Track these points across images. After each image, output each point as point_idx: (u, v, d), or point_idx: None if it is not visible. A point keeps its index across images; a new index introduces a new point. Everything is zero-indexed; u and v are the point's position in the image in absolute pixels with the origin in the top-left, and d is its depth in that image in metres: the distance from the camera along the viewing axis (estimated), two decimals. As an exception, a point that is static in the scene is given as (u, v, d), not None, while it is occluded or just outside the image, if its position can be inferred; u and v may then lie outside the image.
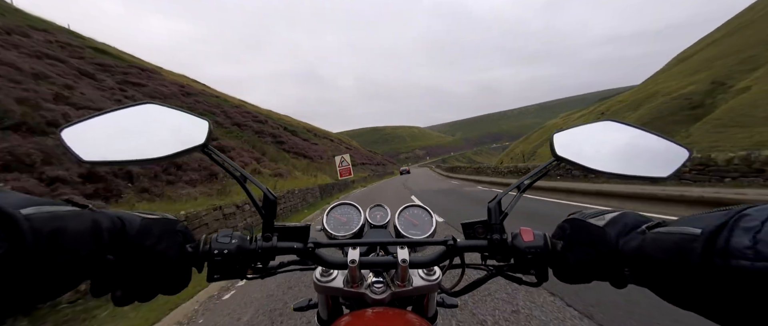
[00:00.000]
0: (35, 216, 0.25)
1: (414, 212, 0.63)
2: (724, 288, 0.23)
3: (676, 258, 0.26)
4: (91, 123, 0.38)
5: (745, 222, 0.23)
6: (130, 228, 0.33)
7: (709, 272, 0.23)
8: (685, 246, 0.25)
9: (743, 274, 0.21)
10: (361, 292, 0.46)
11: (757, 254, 0.21)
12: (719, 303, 0.24)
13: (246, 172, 0.43)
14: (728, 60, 24.72)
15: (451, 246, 0.45)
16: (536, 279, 0.42)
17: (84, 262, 0.28)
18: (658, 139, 0.43)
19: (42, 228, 0.25)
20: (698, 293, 0.25)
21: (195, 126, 0.42)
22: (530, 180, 0.46)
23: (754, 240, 0.21)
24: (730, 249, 0.22)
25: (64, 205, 0.29)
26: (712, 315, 0.25)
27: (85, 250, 0.28)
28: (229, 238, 0.39)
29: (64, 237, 0.26)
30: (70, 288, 0.28)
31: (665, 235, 0.28)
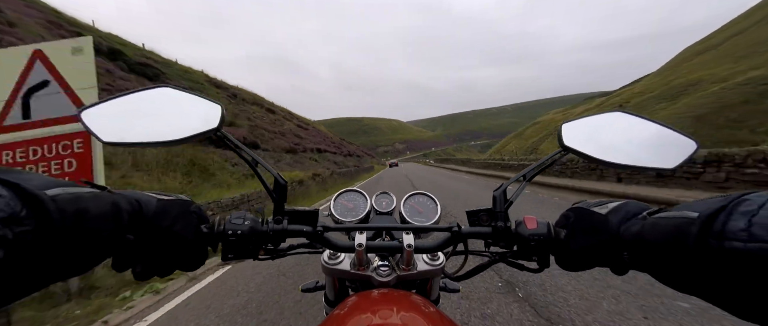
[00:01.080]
0: (60, 196, 0.26)
1: (419, 200, 0.65)
2: (718, 270, 0.24)
3: (673, 241, 0.27)
4: (109, 105, 0.40)
5: (744, 207, 0.23)
6: (147, 210, 0.35)
7: (704, 254, 0.24)
8: (683, 228, 0.26)
9: (736, 255, 0.22)
10: (367, 275, 0.48)
11: (750, 236, 0.22)
12: (714, 284, 0.25)
13: (258, 157, 0.44)
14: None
15: (456, 232, 0.45)
16: (538, 266, 0.43)
17: (106, 241, 0.30)
18: (666, 130, 0.43)
19: (67, 209, 0.26)
20: (694, 275, 0.26)
21: (208, 109, 0.42)
22: (536, 169, 0.46)
23: (749, 223, 0.22)
24: (725, 231, 0.23)
25: (84, 187, 0.30)
26: (709, 296, 0.26)
27: (107, 230, 0.29)
28: (242, 220, 0.40)
29: (87, 217, 0.27)
30: (94, 265, 0.30)
31: (664, 220, 0.29)
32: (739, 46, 28.84)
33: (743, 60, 25.07)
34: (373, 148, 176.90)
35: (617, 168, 0.42)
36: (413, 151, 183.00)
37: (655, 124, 0.43)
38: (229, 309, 2.38)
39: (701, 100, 20.52)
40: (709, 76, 24.90)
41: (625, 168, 0.42)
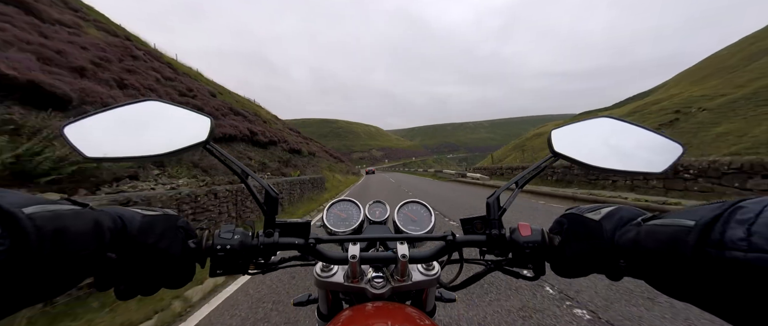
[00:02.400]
0: (38, 214, 0.25)
1: (413, 208, 0.65)
2: (717, 279, 0.23)
3: (670, 249, 0.27)
4: (93, 119, 0.38)
5: (740, 215, 0.23)
6: (131, 227, 0.33)
7: (702, 263, 0.24)
8: (680, 237, 0.26)
9: (736, 265, 0.22)
10: (361, 287, 0.47)
11: (750, 245, 0.21)
12: (713, 293, 0.24)
13: (247, 169, 0.44)
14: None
15: (450, 241, 0.45)
16: (534, 274, 0.42)
17: (86, 261, 0.28)
18: (653, 135, 0.43)
19: (45, 227, 0.25)
20: (692, 283, 0.25)
21: (197, 122, 0.42)
22: (529, 175, 0.46)
23: (748, 231, 0.22)
24: (725, 240, 0.23)
25: (65, 204, 0.29)
26: (706, 305, 0.25)
27: (87, 250, 0.28)
28: (232, 234, 0.39)
29: (66, 237, 0.26)
30: (71, 286, 0.28)
31: (660, 227, 0.29)
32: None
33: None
34: (347, 154, 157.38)
35: (606, 172, 0.43)
36: (392, 159, 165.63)
37: (641, 128, 0.44)
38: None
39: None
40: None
41: (614, 173, 0.43)
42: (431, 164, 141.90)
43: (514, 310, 2.19)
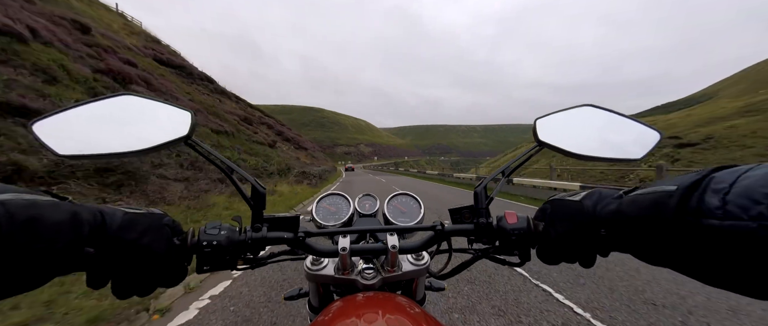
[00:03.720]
0: (11, 202, 0.24)
1: (402, 200, 0.66)
2: (695, 244, 0.25)
3: (652, 214, 0.28)
4: (65, 115, 0.37)
5: (715, 184, 0.25)
6: (111, 223, 0.32)
7: (682, 228, 0.26)
8: (662, 200, 0.27)
9: (713, 231, 0.23)
10: (352, 279, 0.47)
11: (725, 213, 0.23)
12: (691, 258, 0.26)
13: (232, 164, 0.43)
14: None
15: (439, 231, 0.46)
16: (519, 260, 0.43)
17: (60, 254, 0.27)
18: (632, 123, 0.45)
19: (17, 215, 0.24)
20: (672, 249, 0.27)
21: (177, 117, 0.41)
22: (515, 165, 0.48)
23: (723, 200, 0.23)
24: (702, 208, 0.24)
25: (43, 195, 0.28)
26: (684, 269, 0.27)
27: (61, 242, 0.27)
28: (218, 230, 0.39)
29: (40, 226, 0.25)
30: (46, 280, 0.27)
31: (642, 195, 0.30)
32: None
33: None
34: (331, 147, 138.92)
35: (589, 160, 0.44)
36: (382, 157, 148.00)
37: (621, 116, 0.45)
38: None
39: None
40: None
41: (597, 160, 0.44)
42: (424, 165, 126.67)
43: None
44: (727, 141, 14.93)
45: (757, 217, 0.21)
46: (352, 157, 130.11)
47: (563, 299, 2.36)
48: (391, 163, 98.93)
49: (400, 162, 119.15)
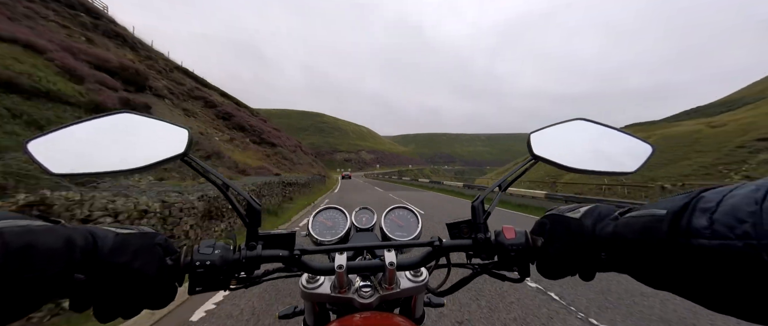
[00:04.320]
0: (7, 229, 0.24)
1: (399, 213, 0.65)
2: (688, 265, 0.25)
3: (645, 237, 0.28)
4: (61, 134, 0.37)
5: (703, 204, 0.25)
6: (103, 246, 0.32)
7: (674, 249, 0.26)
8: (653, 225, 0.28)
9: (702, 251, 0.24)
10: (348, 297, 0.47)
11: (713, 233, 0.23)
12: (688, 280, 0.26)
13: (228, 180, 0.43)
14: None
15: (437, 246, 0.45)
16: (519, 276, 0.43)
17: (52, 282, 0.27)
18: (625, 136, 0.45)
19: (12, 243, 0.24)
20: (667, 270, 0.27)
21: (174, 134, 0.41)
22: (511, 178, 0.48)
23: (710, 220, 0.24)
24: (691, 229, 0.25)
25: (37, 220, 0.28)
26: (684, 292, 0.27)
27: (54, 269, 0.27)
28: (212, 249, 0.38)
29: (34, 254, 0.25)
30: (35, 308, 0.27)
31: (635, 218, 0.31)
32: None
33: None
34: (330, 154, 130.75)
35: (583, 173, 0.44)
36: (385, 164, 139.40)
37: (614, 130, 0.46)
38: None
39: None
40: None
41: (590, 174, 0.44)
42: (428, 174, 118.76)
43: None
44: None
45: (743, 236, 0.22)
46: (352, 165, 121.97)
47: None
48: (394, 172, 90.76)
49: (405, 170, 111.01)
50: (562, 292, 2.81)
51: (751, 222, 0.21)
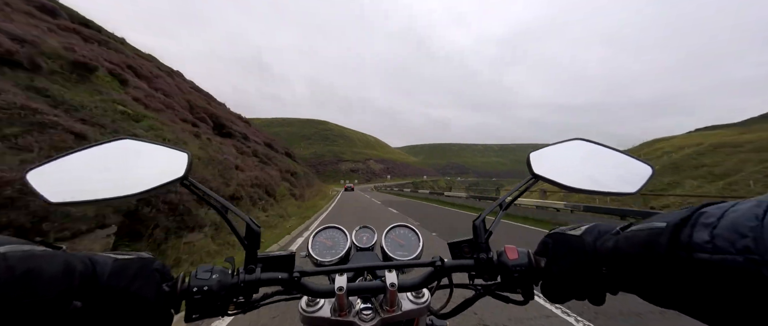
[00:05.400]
0: (10, 254, 0.24)
1: (400, 232, 0.65)
2: (690, 280, 0.25)
3: (645, 251, 0.28)
4: (60, 163, 0.37)
5: (705, 219, 0.25)
6: (102, 271, 0.32)
7: (675, 264, 0.26)
8: (653, 239, 0.27)
9: (704, 266, 0.23)
10: (349, 321, 0.46)
11: (715, 247, 0.23)
12: (689, 295, 0.25)
13: (227, 203, 0.43)
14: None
15: (439, 266, 0.45)
16: (523, 298, 0.42)
17: (49, 308, 0.26)
18: (624, 157, 0.45)
19: (15, 267, 0.24)
20: (670, 286, 0.27)
21: (173, 158, 0.41)
22: (511, 197, 0.48)
23: (711, 234, 0.24)
24: (692, 243, 0.24)
25: (38, 245, 0.29)
26: (690, 310, 0.26)
27: (52, 294, 0.26)
28: (210, 274, 0.38)
29: (36, 279, 0.25)
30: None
31: (636, 232, 0.31)
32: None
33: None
34: (334, 163, 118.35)
35: (582, 193, 0.44)
36: (396, 175, 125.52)
37: (613, 151, 0.46)
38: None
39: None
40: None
41: (590, 194, 0.44)
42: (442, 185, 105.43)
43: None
44: None
45: (743, 251, 0.22)
46: (360, 175, 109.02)
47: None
48: (408, 183, 77.60)
49: (419, 181, 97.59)
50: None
51: (752, 236, 0.21)
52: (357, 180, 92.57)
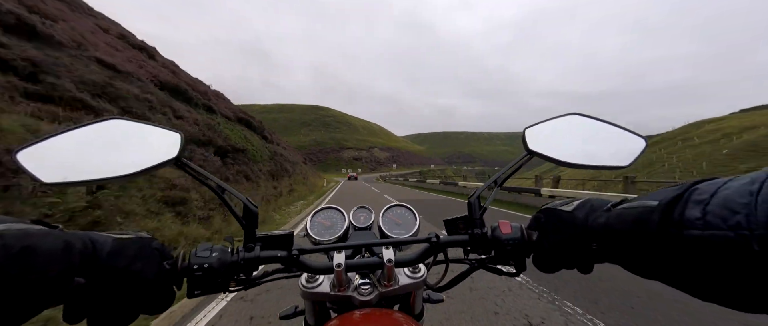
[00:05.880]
0: (6, 232, 0.25)
1: (397, 212, 0.66)
2: (679, 256, 0.25)
3: (637, 228, 0.29)
4: (51, 143, 0.37)
5: (696, 196, 0.25)
6: (102, 250, 0.32)
7: (666, 240, 0.26)
8: (645, 217, 0.28)
9: (695, 242, 0.24)
10: (348, 295, 0.47)
11: (706, 224, 0.23)
12: (676, 269, 0.26)
13: (223, 183, 0.43)
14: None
15: (435, 243, 0.46)
16: (515, 270, 0.44)
17: (52, 285, 0.27)
18: (618, 130, 0.45)
19: (11, 245, 0.24)
20: (658, 261, 0.27)
21: (166, 139, 0.41)
22: (506, 174, 0.48)
23: (704, 211, 0.24)
24: (684, 220, 0.25)
25: (35, 225, 0.29)
26: (672, 281, 0.28)
27: (53, 272, 0.27)
28: (209, 252, 0.39)
29: (33, 257, 0.25)
30: (34, 313, 0.26)
31: (627, 210, 0.31)
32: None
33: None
34: (335, 151, 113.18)
35: (577, 168, 0.45)
36: (402, 164, 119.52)
37: (607, 124, 0.46)
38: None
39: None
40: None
41: (584, 168, 0.45)
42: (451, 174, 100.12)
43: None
44: None
45: (735, 227, 0.22)
46: (363, 165, 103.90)
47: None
48: (414, 172, 72.41)
49: (426, 170, 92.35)
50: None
51: (744, 213, 0.22)
52: (360, 169, 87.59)
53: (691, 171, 21.21)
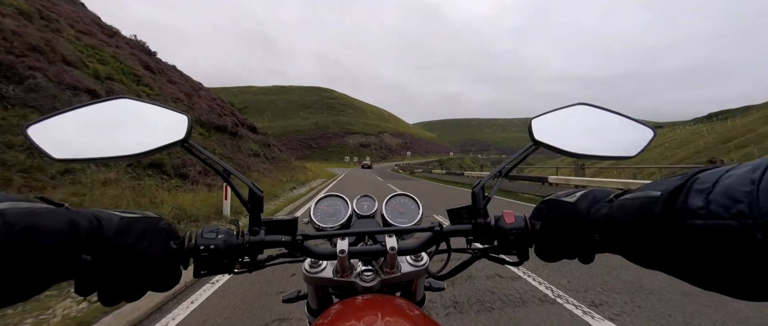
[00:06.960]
0: (8, 211, 0.25)
1: (400, 201, 0.66)
2: (682, 245, 0.25)
3: (639, 219, 0.29)
4: (60, 119, 0.37)
5: (699, 185, 0.25)
6: (108, 228, 0.32)
7: (669, 230, 0.26)
8: (647, 207, 0.28)
9: (698, 231, 0.24)
10: (350, 281, 0.48)
11: (709, 213, 0.23)
12: (679, 259, 0.26)
13: (229, 167, 0.43)
14: None
15: (438, 231, 0.47)
16: (518, 259, 0.44)
17: (58, 261, 0.27)
18: (626, 121, 0.45)
19: (16, 224, 0.24)
20: (660, 251, 0.28)
21: (173, 120, 0.41)
22: (511, 164, 0.48)
23: (706, 200, 0.24)
24: (686, 209, 0.25)
25: (40, 203, 0.29)
26: (673, 270, 0.28)
27: (59, 249, 0.27)
28: (215, 234, 0.39)
29: (38, 235, 0.26)
30: (43, 288, 0.27)
31: (630, 200, 0.31)
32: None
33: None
34: (339, 136, 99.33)
35: (583, 158, 0.45)
36: (416, 152, 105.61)
37: (615, 114, 0.45)
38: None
39: None
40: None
41: (591, 159, 0.45)
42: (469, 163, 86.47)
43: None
44: None
45: (738, 215, 0.22)
46: (372, 152, 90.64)
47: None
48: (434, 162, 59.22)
49: (445, 159, 79.05)
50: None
51: (746, 201, 0.22)
52: (369, 157, 74.61)
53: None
